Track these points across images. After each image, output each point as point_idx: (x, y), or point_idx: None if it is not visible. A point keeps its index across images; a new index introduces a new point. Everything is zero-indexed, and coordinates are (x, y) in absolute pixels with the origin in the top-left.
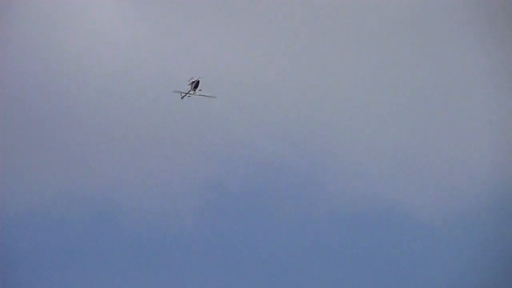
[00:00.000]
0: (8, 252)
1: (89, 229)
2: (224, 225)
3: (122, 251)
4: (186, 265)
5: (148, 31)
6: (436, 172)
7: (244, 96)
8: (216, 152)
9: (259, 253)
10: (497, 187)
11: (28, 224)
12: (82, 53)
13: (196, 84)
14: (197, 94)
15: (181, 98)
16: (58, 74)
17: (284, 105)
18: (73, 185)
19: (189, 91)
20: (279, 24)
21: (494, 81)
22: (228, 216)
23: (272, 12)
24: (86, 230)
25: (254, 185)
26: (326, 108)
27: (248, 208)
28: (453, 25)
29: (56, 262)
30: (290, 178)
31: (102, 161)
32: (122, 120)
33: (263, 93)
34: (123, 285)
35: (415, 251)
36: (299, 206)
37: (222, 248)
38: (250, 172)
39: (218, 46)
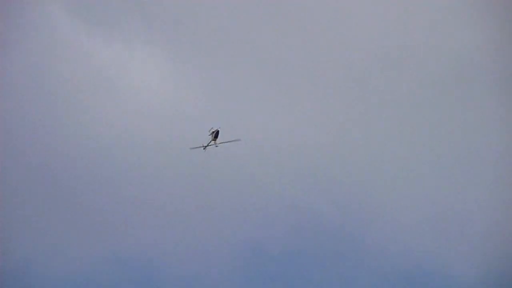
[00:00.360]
0: None
1: None
2: None
3: None
4: None
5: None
6: (474, 229)
7: (283, 156)
8: (255, 213)
9: None
10: None
11: None
12: (114, 119)
13: (216, 134)
14: (218, 144)
15: (204, 149)
16: (91, 138)
17: (323, 164)
18: (110, 249)
19: (209, 142)
20: (322, 84)
21: None
22: (267, 279)
23: (317, 73)
24: None
25: (293, 246)
26: (366, 167)
27: (288, 270)
28: (492, 83)
29: None
30: (330, 238)
31: (138, 223)
32: (155, 183)
33: (303, 152)
34: None
35: None
36: (340, 266)
37: None
38: (289, 233)
39: (260, 105)
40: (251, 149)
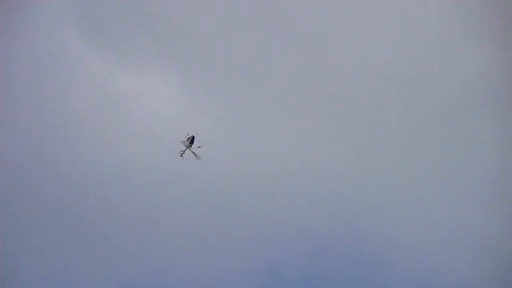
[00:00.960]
0: None
1: None
2: None
3: None
4: None
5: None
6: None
7: (300, 180)
8: (270, 236)
9: None
10: None
11: None
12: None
13: (191, 140)
14: (192, 149)
15: (180, 155)
16: (104, 165)
17: (340, 188)
18: (122, 274)
19: (186, 148)
20: (337, 108)
21: None
22: None
23: (324, 101)
24: None
25: (311, 271)
26: (384, 191)
27: None
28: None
29: None
30: (349, 262)
31: (150, 248)
32: (170, 207)
33: (319, 176)
34: None
35: None
36: None
37: None
38: (306, 257)
39: (274, 129)
40: (266, 172)
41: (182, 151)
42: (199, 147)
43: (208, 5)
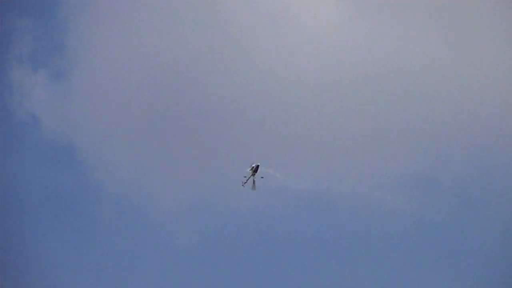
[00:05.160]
0: None
1: None
2: None
3: None
4: None
5: None
6: None
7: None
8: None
9: None
10: None
11: None
12: None
13: (255, 169)
14: (255, 178)
15: (242, 185)
16: None
17: None
18: None
19: (249, 177)
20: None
21: None
22: None
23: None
24: None
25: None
26: None
27: None
28: None
29: None
30: None
31: None
32: None
33: None
34: None
35: None
36: None
37: None
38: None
39: None
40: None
41: (245, 181)
42: (262, 177)
43: None
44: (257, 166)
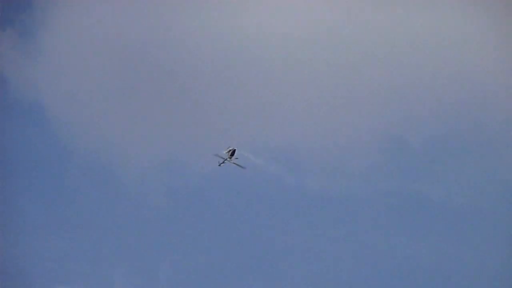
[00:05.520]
0: None
1: None
2: None
3: None
4: None
5: None
6: None
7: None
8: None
9: None
10: None
11: None
12: None
13: (232, 153)
14: (232, 161)
15: (219, 165)
16: None
17: None
18: None
19: (225, 159)
20: None
21: None
22: None
23: None
24: None
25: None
26: None
27: None
28: None
29: None
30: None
31: None
32: None
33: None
34: None
35: None
36: None
37: None
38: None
39: None
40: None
41: (221, 162)
42: (236, 158)
43: None
44: (234, 150)
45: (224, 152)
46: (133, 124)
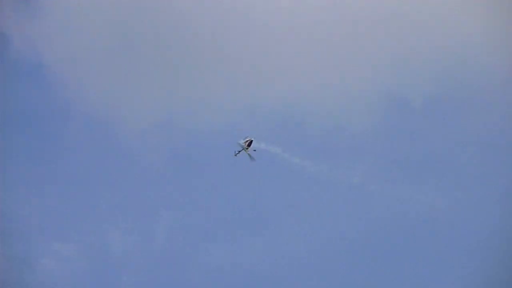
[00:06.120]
0: None
1: None
2: None
3: None
4: None
5: None
6: None
7: None
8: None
9: None
10: None
11: None
12: None
13: (249, 143)
14: (248, 152)
15: (235, 155)
16: None
17: None
18: None
19: (242, 149)
20: None
21: None
22: None
23: None
24: None
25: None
26: None
27: None
28: None
29: None
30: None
31: None
32: None
33: None
34: None
35: None
36: None
37: None
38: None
39: None
40: None
41: (237, 151)
42: (254, 150)
43: None
44: (251, 141)
45: (242, 142)
46: (132, 83)
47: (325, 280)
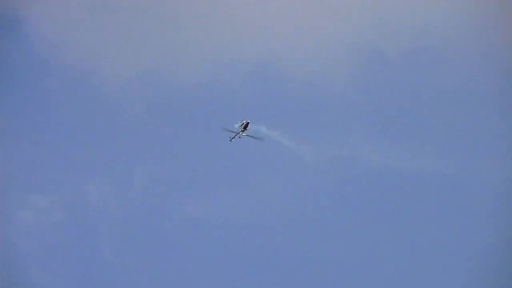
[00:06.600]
0: None
1: None
2: None
3: None
4: None
5: None
6: None
7: None
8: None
9: None
10: None
11: None
12: None
13: (245, 126)
14: (245, 135)
15: (230, 140)
16: None
17: None
18: None
19: (237, 133)
20: None
21: None
22: None
23: None
24: None
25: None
26: None
27: None
28: None
29: None
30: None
31: None
32: None
33: None
34: None
35: None
36: None
37: None
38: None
39: None
40: None
41: (233, 137)
42: (253, 137)
43: None
44: (247, 124)
45: (237, 126)
46: (112, 34)
47: (302, 233)
